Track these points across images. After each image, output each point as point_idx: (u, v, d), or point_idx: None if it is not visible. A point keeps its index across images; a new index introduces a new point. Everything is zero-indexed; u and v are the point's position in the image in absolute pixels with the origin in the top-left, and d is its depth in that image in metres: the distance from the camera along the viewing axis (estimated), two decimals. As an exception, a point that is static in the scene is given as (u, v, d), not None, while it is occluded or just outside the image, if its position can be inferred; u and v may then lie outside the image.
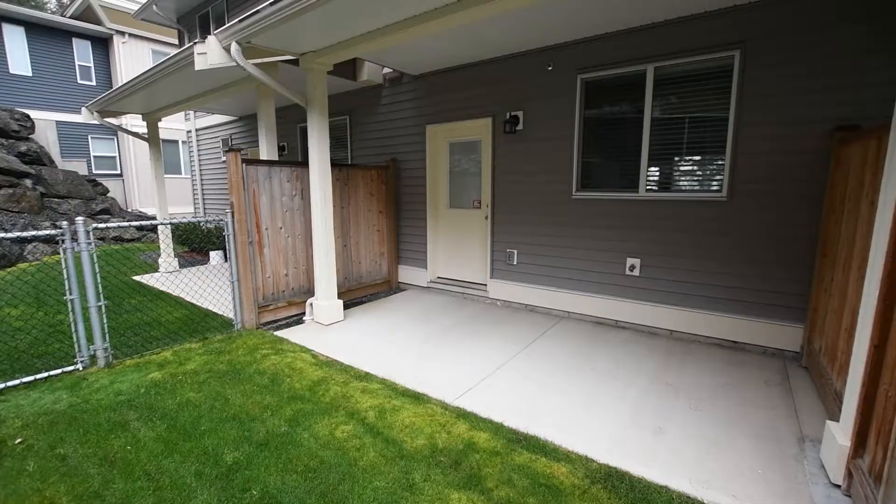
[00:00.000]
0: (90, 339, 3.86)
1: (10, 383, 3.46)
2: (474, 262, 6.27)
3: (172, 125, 15.40)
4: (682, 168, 4.52)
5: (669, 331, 4.62)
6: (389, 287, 6.85)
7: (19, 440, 2.76)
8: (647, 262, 4.69)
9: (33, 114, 12.83)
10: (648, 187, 4.64)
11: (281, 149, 8.90)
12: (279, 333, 4.79)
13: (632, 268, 4.78)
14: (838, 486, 2.33)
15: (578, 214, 5.10)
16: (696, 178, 4.45)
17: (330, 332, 4.84)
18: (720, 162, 4.22)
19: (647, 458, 2.61)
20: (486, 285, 6.05)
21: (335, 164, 5.56)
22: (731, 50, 4.01)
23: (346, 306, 5.63)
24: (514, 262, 5.70)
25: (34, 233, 3.66)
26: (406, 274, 6.96)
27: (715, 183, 4.28)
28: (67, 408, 3.16)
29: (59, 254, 9.47)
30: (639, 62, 4.48)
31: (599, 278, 5.03)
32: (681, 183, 4.52)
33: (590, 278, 5.10)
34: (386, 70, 6.57)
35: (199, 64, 4.27)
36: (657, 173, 4.63)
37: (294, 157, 8.79)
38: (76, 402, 3.24)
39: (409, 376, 3.70)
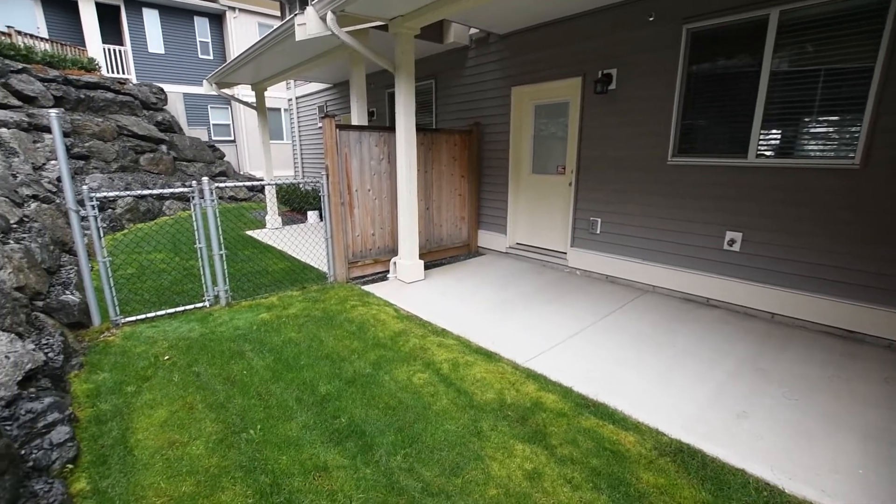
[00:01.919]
0: (214, 282, 4.56)
1: (158, 313, 4.26)
2: (555, 229, 6.15)
3: (276, 94, 16.65)
4: (802, 131, 3.93)
5: (770, 313, 4.20)
6: (468, 251, 7.01)
7: (167, 357, 3.44)
8: (751, 236, 4.24)
9: (166, 87, 14.66)
10: (760, 152, 4.13)
11: (370, 114, 9.28)
12: (365, 287, 5.22)
13: (731, 242, 4.36)
14: (962, 498, 2.05)
15: (673, 182, 4.72)
16: (819, 143, 3.85)
17: (411, 290, 5.15)
18: (856, 124, 3.60)
19: (725, 439, 2.50)
20: (565, 253, 5.93)
21: (420, 129, 5.71)
22: (886, -16, 3.32)
23: (427, 267, 5.91)
24: (598, 231, 5.48)
25: (171, 190, 4.36)
26: (485, 238, 7.05)
27: (845, 148, 3.68)
28: (199, 336, 3.83)
29: (189, 209, 11.01)
30: (761, 6, 3.89)
31: (691, 252, 4.67)
32: (800, 148, 3.94)
33: (680, 251, 4.75)
34: (472, 31, 6.46)
35: (300, 35, 4.59)
36: (771, 137, 4.08)
37: (382, 122, 9.14)
38: (205, 332, 3.91)
39: (483, 336, 3.85)
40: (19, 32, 12.20)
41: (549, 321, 4.18)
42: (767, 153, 4.11)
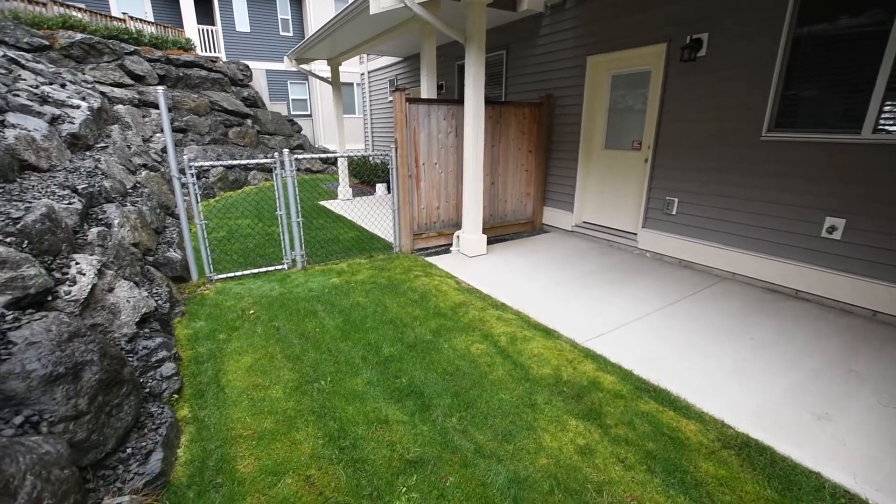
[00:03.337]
0: (292, 247, 4.94)
1: (245, 272, 4.74)
2: (625, 208, 5.85)
3: (349, 69, 17.14)
4: (940, 101, 3.34)
5: (872, 311, 3.73)
6: (532, 227, 6.91)
7: (252, 312, 3.83)
8: (856, 223, 3.75)
9: (251, 64, 15.64)
10: (880, 127, 3.59)
11: (439, 87, 9.27)
12: (429, 259, 5.37)
13: (831, 229, 3.90)
14: None
15: (766, 160, 4.26)
16: (962, 115, 3.26)
17: (473, 264, 5.22)
18: None
19: (800, 440, 2.33)
20: (635, 234, 5.65)
21: (489, 102, 5.63)
22: None
23: (490, 242, 5.93)
24: (673, 212, 5.14)
25: (256, 161, 4.74)
26: (550, 216, 6.89)
27: None
28: (278, 295, 4.21)
29: (270, 180, 11.83)
30: (897, -48, 3.31)
31: (782, 238, 4.24)
32: (934, 121, 3.37)
33: (768, 237, 4.34)
34: (548, -4, 6.15)
35: (374, 8, 4.67)
36: (896, 108, 3.53)
37: (451, 95, 9.10)
38: (284, 292, 4.28)
39: (543, 312, 3.84)
40: (131, 17, 13.57)
41: (613, 303, 4.06)
42: (890, 128, 3.57)
